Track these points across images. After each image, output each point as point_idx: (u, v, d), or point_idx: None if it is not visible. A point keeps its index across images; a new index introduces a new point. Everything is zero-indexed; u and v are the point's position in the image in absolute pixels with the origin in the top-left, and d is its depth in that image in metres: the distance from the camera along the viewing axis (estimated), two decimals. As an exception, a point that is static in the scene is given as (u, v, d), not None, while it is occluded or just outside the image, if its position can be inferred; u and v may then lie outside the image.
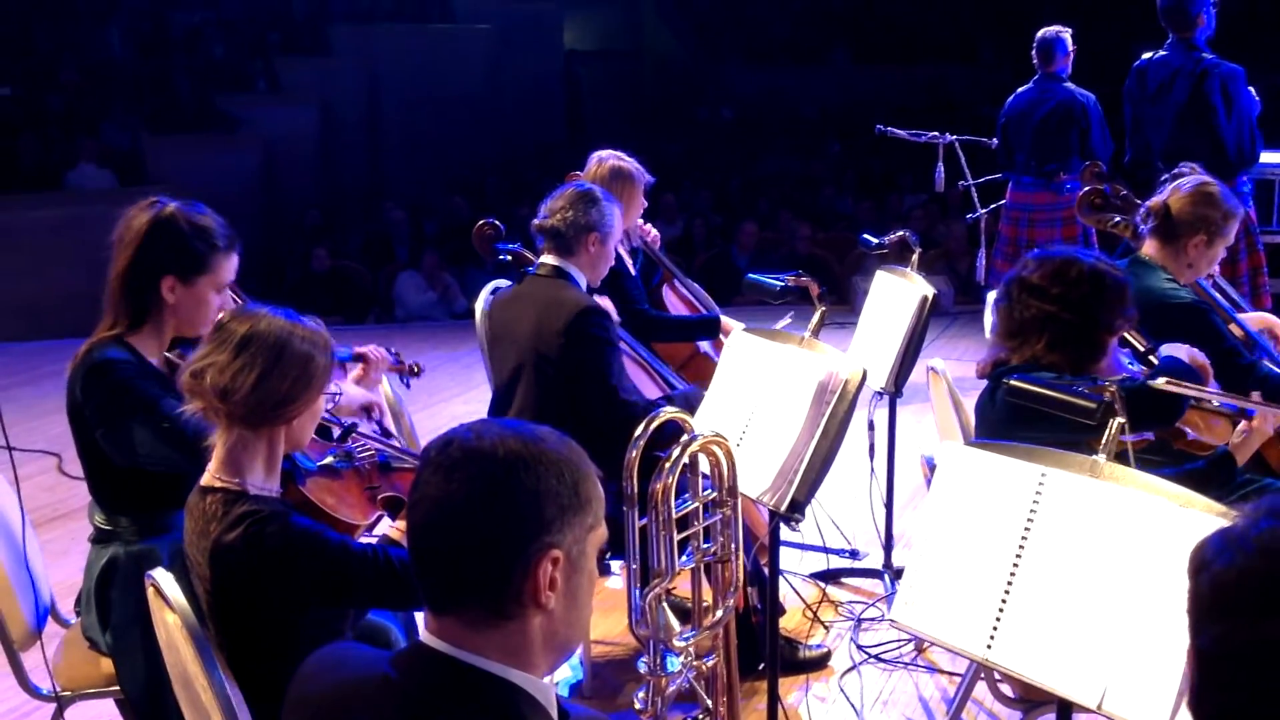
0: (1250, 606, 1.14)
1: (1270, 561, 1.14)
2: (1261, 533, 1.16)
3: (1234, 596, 1.16)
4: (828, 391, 2.94)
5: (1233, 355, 3.58)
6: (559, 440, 1.56)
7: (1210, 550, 1.20)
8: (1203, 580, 1.20)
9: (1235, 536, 1.18)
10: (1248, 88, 5.80)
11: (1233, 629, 1.16)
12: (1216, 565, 1.18)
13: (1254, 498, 1.31)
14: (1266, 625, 1.13)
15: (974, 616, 2.28)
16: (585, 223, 3.76)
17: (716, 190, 12.98)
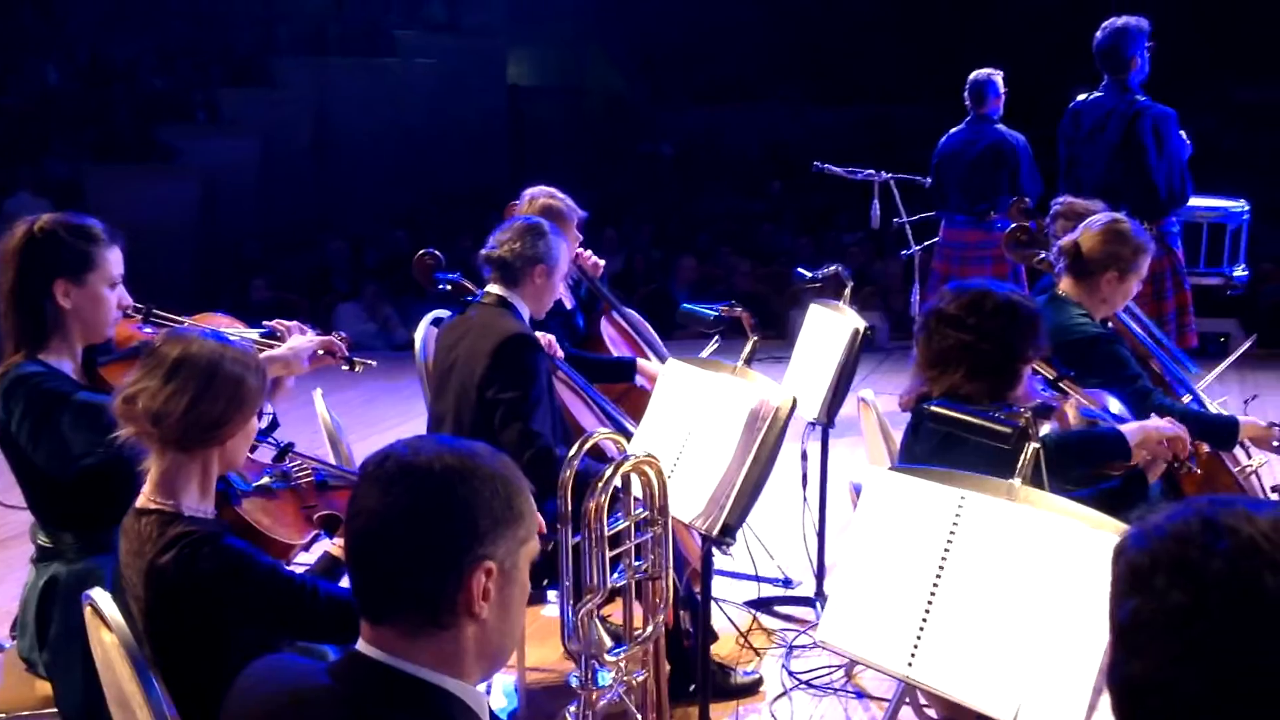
0: (1161, 580, 1.25)
1: (1180, 544, 1.25)
2: (1175, 521, 1.28)
3: (1147, 573, 1.27)
4: (759, 419, 3.02)
5: (1133, 381, 3.71)
6: (493, 455, 1.62)
7: (1129, 538, 1.32)
8: (1121, 563, 1.31)
9: (1151, 525, 1.30)
10: (1179, 131, 5.94)
11: (1145, 601, 1.26)
12: (1133, 549, 1.30)
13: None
14: (1174, 595, 1.23)
15: (897, 635, 2.36)
16: (532, 255, 3.83)
17: (657, 225, 13.11)
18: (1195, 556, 1.24)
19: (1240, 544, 1.22)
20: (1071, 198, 4.67)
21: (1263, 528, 1.23)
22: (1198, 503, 1.30)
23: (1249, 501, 1.27)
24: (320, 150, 14.45)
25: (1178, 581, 1.24)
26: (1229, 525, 1.24)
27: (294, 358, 3.21)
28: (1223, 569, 1.22)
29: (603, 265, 4.87)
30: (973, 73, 7.15)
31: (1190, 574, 1.23)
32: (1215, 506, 1.27)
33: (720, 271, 11.33)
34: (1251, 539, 1.23)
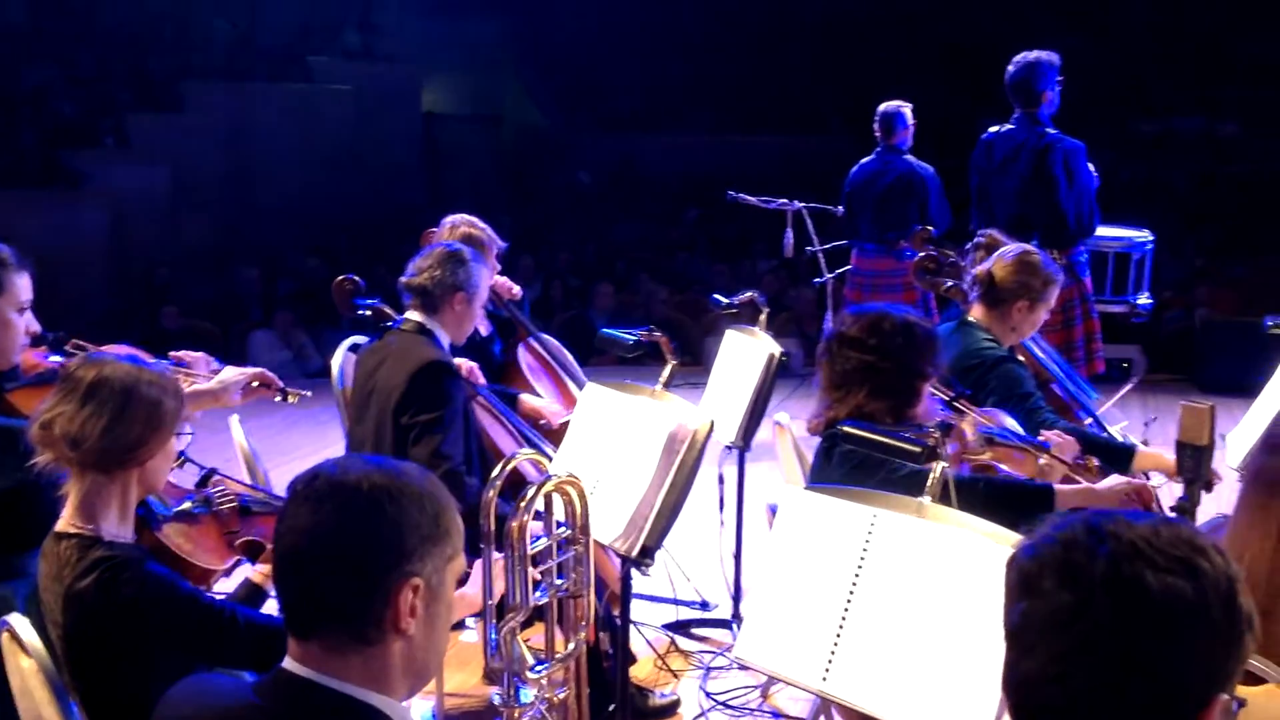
0: (1049, 583, 1.34)
1: (1066, 549, 1.35)
2: (1061, 529, 1.37)
3: (1036, 577, 1.36)
4: (677, 441, 3.07)
5: (1025, 399, 3.83)
6: (421, 474, 1.65)
7: (1021, 548, 1.41)
8: (1013, 571, 1.40)
9: (1039, 535, 1.39)
10: (1088, 163, 6.11)
11: (1034, 603, 1.35)
12: (1023, 556, 1.39)
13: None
14: (1061, 596, 1.32)
15: (811, 651, 2.42)
16: (452, 282, 3.86)
17: (574, 253, 13.17)
18: (1080, 559, 1.33)
19: (1122, 547, 1.32)
20: (994, 231, 4.80)
21: (1142, 533, 1.33)
22: (1081, 513, 1.39)
23: (1127, 512, 1.38)
24: (233, 177, 14.30)
25: (1064, 583, 1.32)
26: (1111, 531, 1.33)
27: (223, 390, 3.22)
28: (1106, 570, 1.31)
29: (520, 292, 4.91)
30: (882, 104, 7.32)
31: (1076, 575, 1.32)
32: (1098, 516, 1.37)
33: (638, 299, 11.41)
34: (1132, 542, 1.32)
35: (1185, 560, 1.32)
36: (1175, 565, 1.31)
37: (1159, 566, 1.31)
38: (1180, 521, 1.39)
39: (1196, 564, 1.32)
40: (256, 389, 3.37)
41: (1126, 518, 1.36)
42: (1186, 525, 1.38)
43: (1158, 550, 1.32)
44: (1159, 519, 1.38)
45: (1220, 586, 1.32)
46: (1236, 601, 1.33)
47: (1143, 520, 1.36)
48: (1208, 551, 1.34)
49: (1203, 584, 1.31)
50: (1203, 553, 1.33)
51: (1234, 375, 7.39)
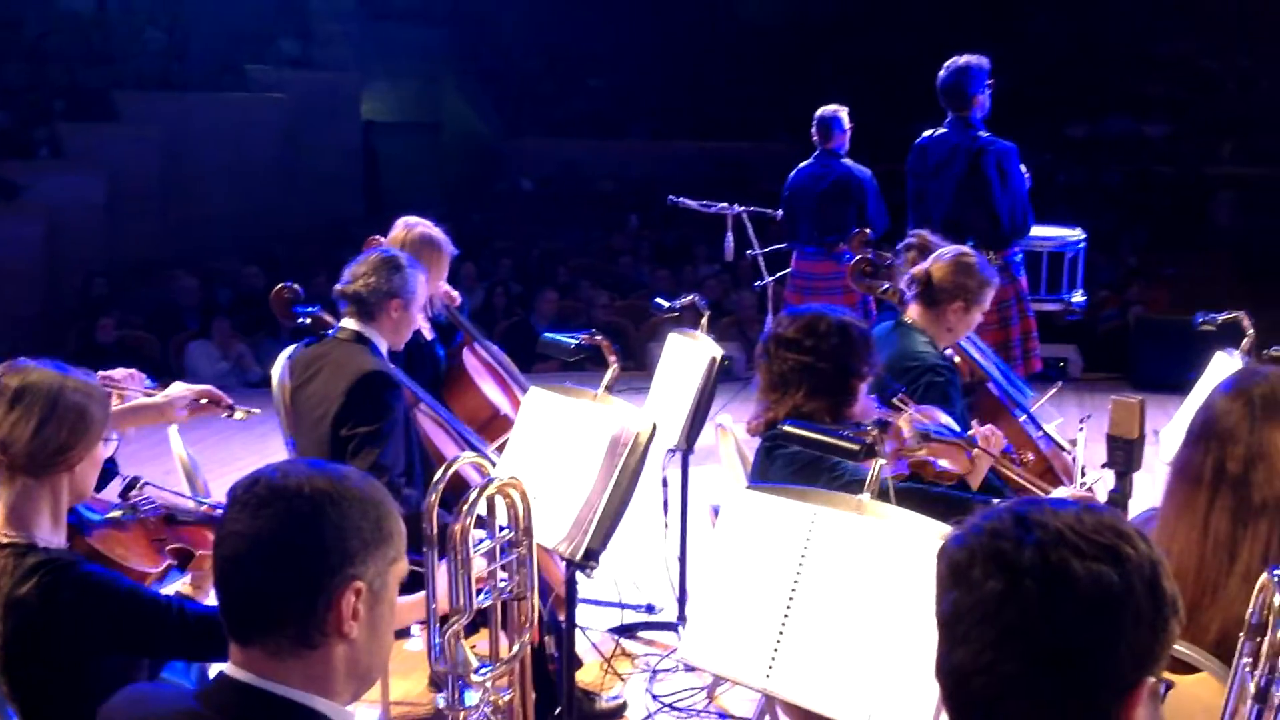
0: (978, 572, 1.37)
1: (993, 538, 1.37)
2: (989, 519, 1.40)
3: (965, 567, 1.38)
4: (620, 444, 3.09)
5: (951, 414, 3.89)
6: (363, 478, 1.66)
7: (950, 539, 1.43)
8: (943, 561, 1.42)
9: (968, 525, 1.42)
10: (1020, 165, 6.19)
11: (964, 593, 1.38)
12: (952, 546, 1.41)
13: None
14: (990, 584, 1.35)
15: (755, 650, 2.44)
16: (388, 289, 3.83)
17: (517, 259, 13.15)
18: (1008, 548, 1.35)
19: (1048, 535, 1.35)
20: (925, 232, 4.86)
21: (1067, 520, 1.36)
22: (1008, 503, 1.42)
23: (1052, 501, 1.42)
24: (169, 186, 14.15)
25: (993, 572, 1.35)
26: (1037, 520, 1.36)
27: (168, 405, 3.20)
28: (1033, 558, 1.34)
29: (458, 297, 4.90)
30: (819, 109, 7.38)
31: (1004, 564, 1.35)
32: (1024, 505, 1.40)
33: (580, 304, 11.42)
34: (1058, 530, 1.35)
35: (1110, 547, 1.34)
36: (1100, 552, 1.34)
37: (1084, 554, 1.34)
38: (1104, 509, 1.43)
39: (1121, 550, 1.35)
40: (205, 406, 3.35)
41: (1052, 506, 1.39)
42: (1110, 512, 1.41)
43: (1083, 537, 1.35)
44: (1084, 506, 1.41)
45: (1144, 571, 1.35)
46: (1160, 586, 1.37)
47: (1068, 508, 1.38)
48: (1131, 538, 1.37)
49: (1127, 569, 1.34)
50: (1126, 539, 1.36)
51: (1168, 372, 7.53)
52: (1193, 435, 2.47)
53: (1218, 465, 2.39)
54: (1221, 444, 2.40)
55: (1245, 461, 2.38)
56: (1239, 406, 2.42)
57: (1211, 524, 2.38)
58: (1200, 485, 2.41)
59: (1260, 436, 2.38)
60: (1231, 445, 2.39)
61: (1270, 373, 2.52)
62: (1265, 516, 2.37)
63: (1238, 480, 2.38)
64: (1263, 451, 2.37)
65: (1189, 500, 2.42)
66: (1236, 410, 2.41)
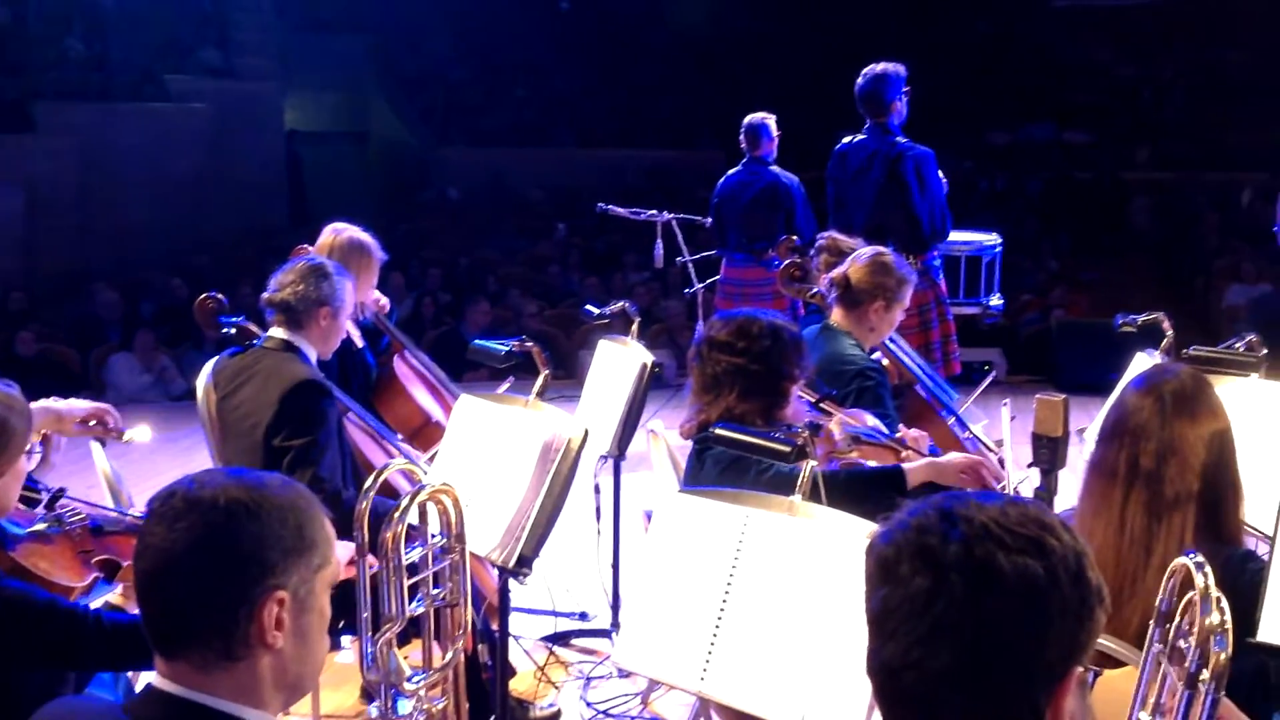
0: (905, 568, 1.37)
1: (920, 534, 1.38)
2: (915, 515, 1.41)
3: (893, 563, 1.39)
4: (552, 450, 3.09)
5: (883, 417, 3.94)
6: (283, 485, 1.64)
7: (878, 535, 1.43)
8: (871, 558, 1.43)
9: (895, 521, 1.43)
10: (937, 170, 6.28)
11: (892, 589, 1.38)
12: (880, 542, 1.42)
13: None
14: (917, 580, 1.36)
15: (689, 653, 2.45)
16: (317, 296, 3.79)
17: (445, 269, 13.09)
18: (934, 543, 1.36)
19: (974, 529, 1.36)
20: (835, 234, 4.91)
21: (992, 514, 1.37)
22: (933, 498, 1.43)
23: (977, 494, 1.42)
24: (90, 198, 13.91)
25: (920, 568, 1.36)
26: (963, 514, 1.37)
27: (67, 414, 3.13)
28: (959, 552, 1.35)
29: (387, 305, 4.87)
30: (747, 116, 7.42)
31: (931, 559, 1.36)
32: (950, 500, 1.41)
33: (509, 313, 11.38)
34: (984, 524, 1.36)
35: (1034, 539, 1.36)
36: (1025, 545, 1.35)
37: (1009, 547, 1.35)
38: (1028, 501, 1.44)
39: (1045, 542, 1.36)
40: (93, 427, 3.27)
41: (977, 500, 1.40)
42: (1034, 505, 1.42)
43: (1007, 530, 1.36)
44: (1008, 500, 1.42)
45: (1069, 563, 1.37)
46: (1086, 576, 1.38)
47: (992, 501, 1.40)
48: (1056, 529, 1.38)
49: (1052, 561, 1.35)
50: (1051, 530, 1.38)
51: (1090, 374, 7.66)
52: (1106, 433, 2.53)
53: (1132, 461, 2.45)
54: (1135, 440, 2.46)
55: (1158, 456, 2.44)
56: (1150, 403, 2.48)
57: (1127, 519, 2.44)
58: (1115, 481, 2.47)
59: (1172, 432, 2.45)
60: (1144, 441, 2.45)
61: (1180, 370, 2.59)
62: (1179, 509, 2.43)
63: (1151, 475, 2.44)
64: (1174, 446, 2.44)
65: (1105, 496, 2.48)
66: (1148, 407, 2.47)
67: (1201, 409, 2.48)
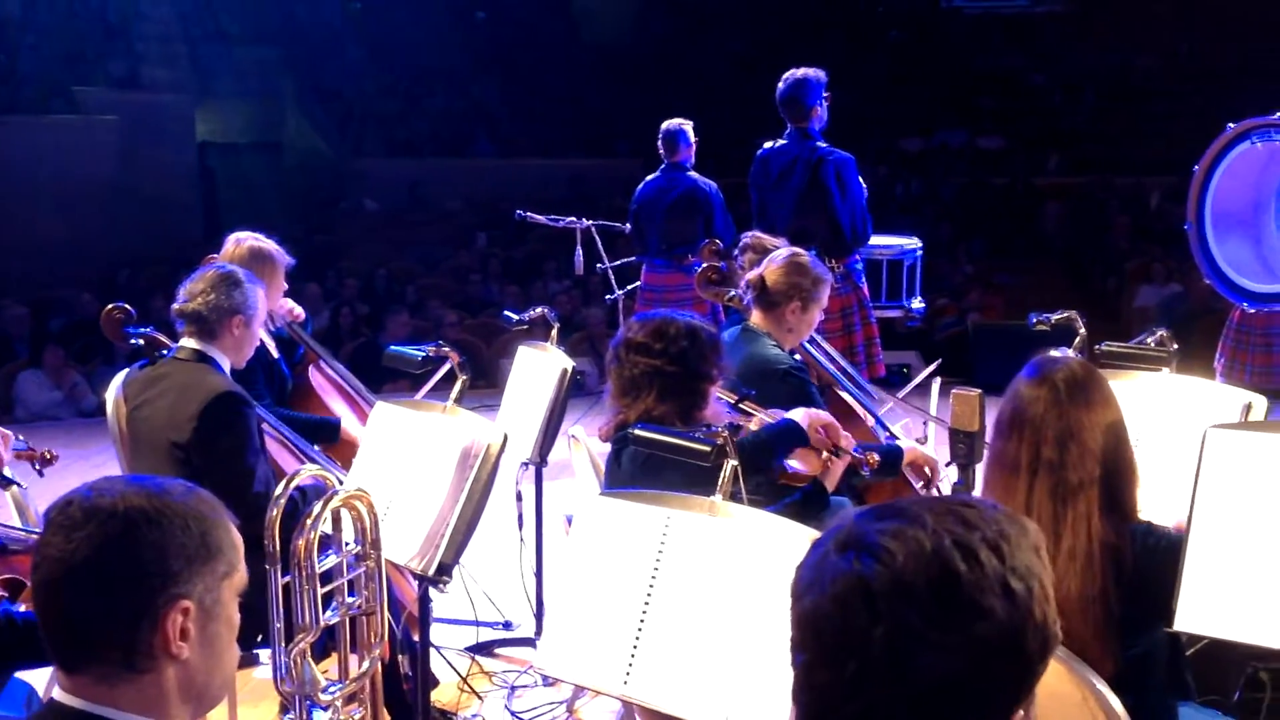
0: (826, 648, 1.29)
1: (841, 608, 1.28)
2: (838, 577, 1.29)
3: (813, 635, 1.31)
4: (471, 456, 3.05)
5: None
6: (186, 491, 1.59)
7: (800, 583, 1.34)
8: (794, 609, 1.35)
9: (819, 574, 1.32)
10: (858, 175, 6.33)
11: (813, 663, 1.31)
12: (805, 601, 1.32)
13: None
14: (838, 666, 1.27)
15: (612, 656, 2.42)
16: (228, 305, 3.72)
17: (363, 280, 12.95)
18: (860, 627, 1.26)
19: (898, 618, 1.25)
20: (759, 233, 4.92)
21: (920, 590, 1.25)
22: (854, 540, 1.30)
23: (907, 548, 1.27)
24: (-3, 213, 13.58)
25: (845, 653, 1.27)
26: (885, 592, 1.26)
27: None
28: (884, 642, 1.25)
29: (302, 313, 4.80)
30: (665, 123, 7.43)
31: (856, 647, 1.26)
32: (871, 558, 1.28)
33: (429, 324, 11.29)
34: (908, 607, 1.25)
35: (962, 631, 1.25)
36: (952, 642, 1.25)
37: (934, 645, 1.25)
38: (964, 556, 1.28)
39: (975, 633, 1.25)
40: None
41: (903, 557, 1.27)
42: (968, 566, 1.27)
43: (933, 624, 1.25)
44: (939, 560, 1.27)
45: (1004, 645, 1.27)
46: (1024, 648, 1.28)
47: (919, 570, 1.26)
48: (990, 612, 1.26)
49: (980, 653, 1.26)
50: (984, 615, 1.26)
51: (1006, 375, 7.73)
52: (1004, 426, 2.56)
53: (1034, 451, 2.49)
54: (1035, 430, 2.49)
55: (1058, 444, 2.48)
56: (1045, 393, 2.52)
57: (1034, 509, 2.47)
58: (1018, 473, 2.50)
59: (1069, 419, 2.49)
60: (1044, 430, 2.49)
61: (1068, 359, 2.63)
62: (1083, 494, 2.47)
63: (1054, 463, 2.48)
64: (1073, 432, 2.48)
65: (1009, 488, 2.51)
66: (1044, 397, 2.51)
67: (1095, 394, 2.53)
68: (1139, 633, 2.51)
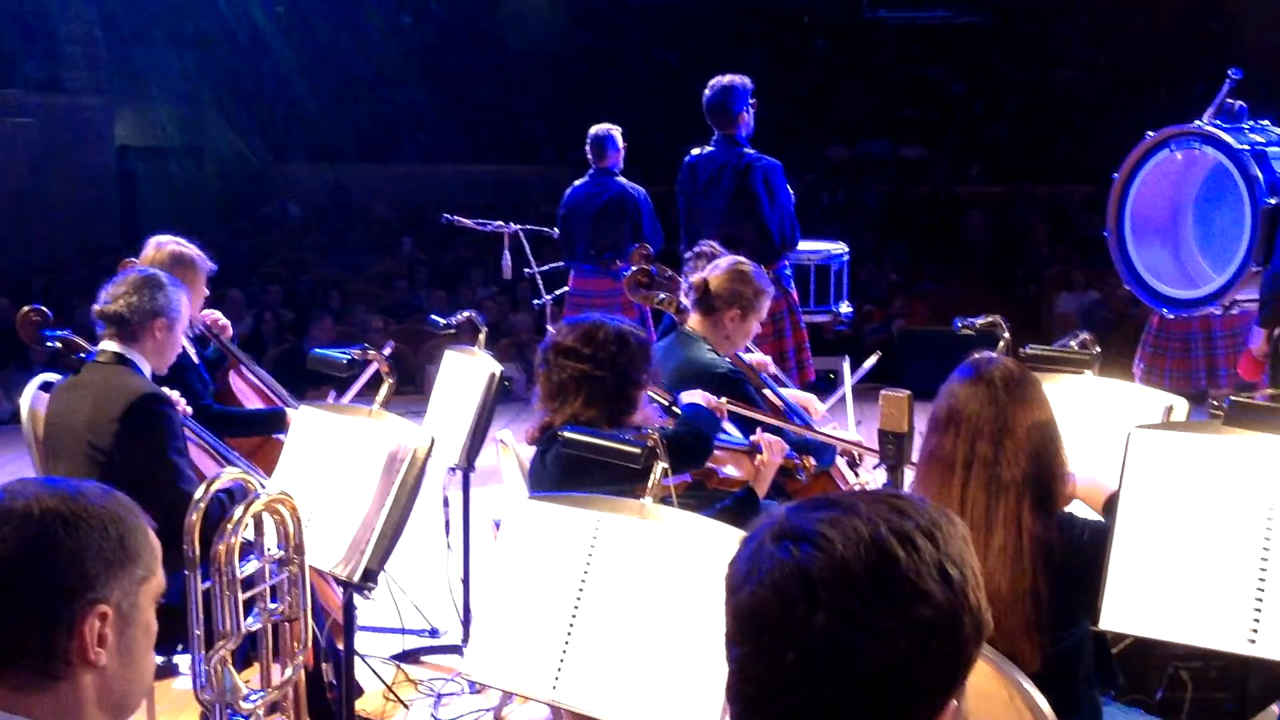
0: (764, 638, 1.28)
1: (780, 596, 1.27)
2: (774, 566, 1.28)
3: (751, 627, 1.29)
4: (397, 460, 3.00)
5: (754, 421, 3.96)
6: (103, 494, 1.54)
7: (736, 575, 1.33)
8: (730, 603, 1.33)
9: (755, 566, 1.30)
10: (785, 181, 6.36)
11: (751, 655, 1.29)
12: (741, 593, 1.31)
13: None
14: (777, 657, 1.26)
15: (541, 661, 2.40)
16: (151, 308, 3.65)
17: (286, 286, 12.79)
18: (799, 615, 1.25)
19: (837, 603, 1.24)
20: (714, 242, 4.95)
21: (857, 573, 1.25)
22: (788, 529, 1.30)
23: (842, 537, 1.27)
24: (-96, 217, 13.24)
25: (783, 643, 1.26)
26: (823, 578, 1.25)
27: None
28: (824, 629, 1.24)
29: (228, 325, 4.73)
30: (593, 128, 7.42)
31: (794, 636, 1.25)
32: (808, 545, 1.27)
33: (354, 330, 11.17)
34: (848, 592, 1.25)
35: (902, 614, 1.25)
36: (893, 625, 1.25)
37: (875, 629, 1.24)
38: (901, 541, 1.28)
39: (914, 615, 1.25)
40: None
41: (840, 545, 1.26)
42: (905, 551, 1.28)
43: (873, 609, 1.25)
44: (877, 546, 1.27)
45: (941, 628, 1.27)
46: (960, 632, 1.29)
47: (857, 556, 1.26)
48: (928, 595, 1.26)
49: (920, 636, 1.26)
50: (923, 598, 1.26)
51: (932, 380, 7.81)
52: (939, 423, 2.57)
53: (968, 447, 2.51)
54: (970, 427, 2.51)
55: (994, 441, 2.50)
56: (982, 390, 2.54)
57: (968, 505, 2.49)
58: (953, 468, 2.51)
59: (1005, 416, 2.51)
60: (980, 427, 2.50)
61: (1001, 358, 2.66)
62: (1014, 490, 2.50)
63: (987, 460, 2.50)
64: (1009, 429, 2.50)
65: (944, 484, 2.52)
66: (980, 394, 2.53)
67: (1030, 393, 2.56)
68: (1066, 626, 2.54)
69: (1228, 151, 5.66)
